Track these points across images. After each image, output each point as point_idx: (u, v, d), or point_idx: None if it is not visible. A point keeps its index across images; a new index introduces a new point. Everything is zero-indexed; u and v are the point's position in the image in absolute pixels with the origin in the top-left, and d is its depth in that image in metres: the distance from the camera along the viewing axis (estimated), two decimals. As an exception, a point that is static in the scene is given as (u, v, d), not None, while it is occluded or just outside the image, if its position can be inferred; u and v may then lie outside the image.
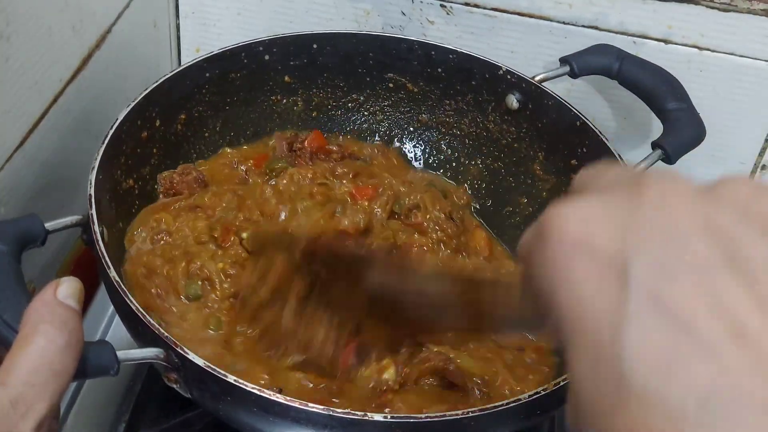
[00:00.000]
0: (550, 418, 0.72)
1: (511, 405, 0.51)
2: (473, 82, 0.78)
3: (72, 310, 0.46)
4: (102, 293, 0.76)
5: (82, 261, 0.78)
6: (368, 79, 0.81)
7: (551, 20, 0.81)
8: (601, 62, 0.76)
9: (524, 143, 0.78)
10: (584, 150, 0.73)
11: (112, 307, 0.75)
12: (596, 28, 0.80)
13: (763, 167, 0.85)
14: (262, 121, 0.80)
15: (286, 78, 0.79)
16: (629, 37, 0.80)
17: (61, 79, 0.69)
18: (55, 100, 0.69)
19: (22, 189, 0.66)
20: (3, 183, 0.64)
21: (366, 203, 0.71)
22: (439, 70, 0.79)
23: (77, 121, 0.72)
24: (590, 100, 0.84)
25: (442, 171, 0.83)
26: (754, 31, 0.78)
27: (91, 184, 0.60)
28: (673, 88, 0.73)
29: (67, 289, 0.46)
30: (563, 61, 0.76)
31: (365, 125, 0.83)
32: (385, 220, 0.72)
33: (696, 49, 0.80)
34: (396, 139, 0.84)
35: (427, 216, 0.72)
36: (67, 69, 0.70)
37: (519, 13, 0.81)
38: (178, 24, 0.88)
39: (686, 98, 0.73)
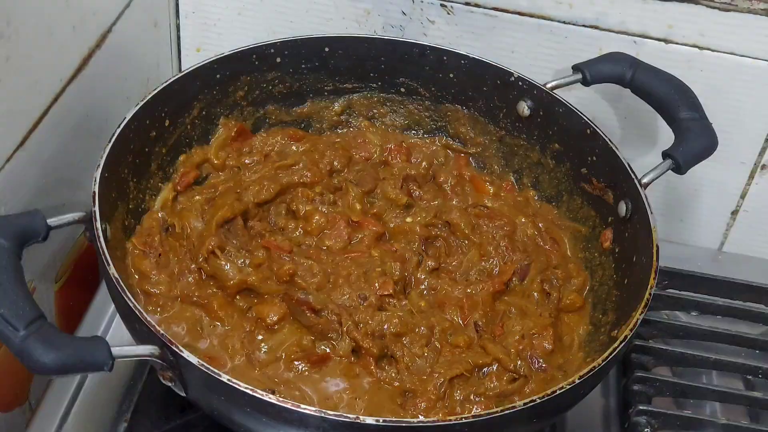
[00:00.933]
0: (551, 425, 0.72)
1: (506, 412, 0.50)
2: (485, 88, 0.78)
3: None
4: (102, 293, 0.77)
5: (83, 261, 0.78)
6: (380, 83, 0.81)
7: (552, 20, 0.81)
8: (614, 70, 0.75)
9: (535, 150, 0.79)
10: (594, 158, 0.73)
11: (112, 307, 0.75)
12: (597, 27, 0.80)
13: (763, 167, 0.85)
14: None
15: (298, 81, 0.80)
16: (630, 37, 0.80)
17: (61, 79, 0.69)
18: (55, 100, 0.69)
19: (23, 188, 0.67)
20: (4, 182, 0.64)
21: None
22: (451, 75, 0.79)
23: (78, 120, 0.72)
24: (598, 107, 0.84)
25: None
26: (754, 31, 0.78)
27: (96, 181, 0.60)
28: (686, 97, 0.73)
29: None
30: (576, 68, 0.75)
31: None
32: None
33: (696, 49, 0.80)
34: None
35: None
36: (68, 68, 0.70)
37: (519, 13, 0.81)
38: (179, 24, 0.88)
39: (699, 108, 0.72)
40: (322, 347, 0.63)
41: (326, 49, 0.78)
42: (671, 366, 0.78)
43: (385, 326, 0.63)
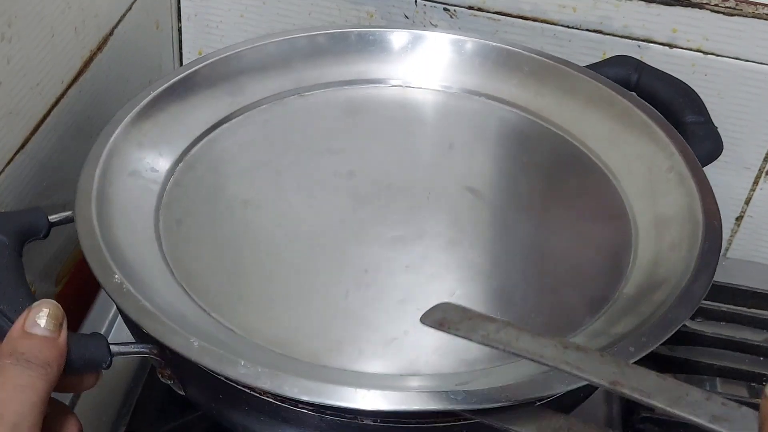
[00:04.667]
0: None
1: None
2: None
3: (38, 338, 0.46)
4: (104, 295, 0.77)
5: (84, 264, 0.77)
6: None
7: (555, 24, 0.81)
8: (619, 73, 0.74)
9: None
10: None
11: (113, 310, 0.75)
12: (600, 32, 0.80)
13: (768, 172, 0.85)
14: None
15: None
16: (634, 41, 0.80)
17: (62, 81, 0.69)
18: (56, 102, 0.69)
19: (24, 191, 0.66)
20: (4, 185, 0.64)
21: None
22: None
23: (79, 122, 0.72)
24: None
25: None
26: (759, 35, 0.77)
27: None
28: (691, 100, 0.72)
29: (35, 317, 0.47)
30: (582, 72, 0.75)
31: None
32: None
33: (701, 53, 0.80)
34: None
35: None
36: (69, 71, 0.70)
37: (522, 17, 0.81)
38: (180, 26, 0.88)
39: (704, 111, 0.71)
40: None
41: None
42: (675, 373, 0.78)
43: None
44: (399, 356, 0.54)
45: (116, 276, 0.52)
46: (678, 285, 0.55)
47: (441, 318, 0.47)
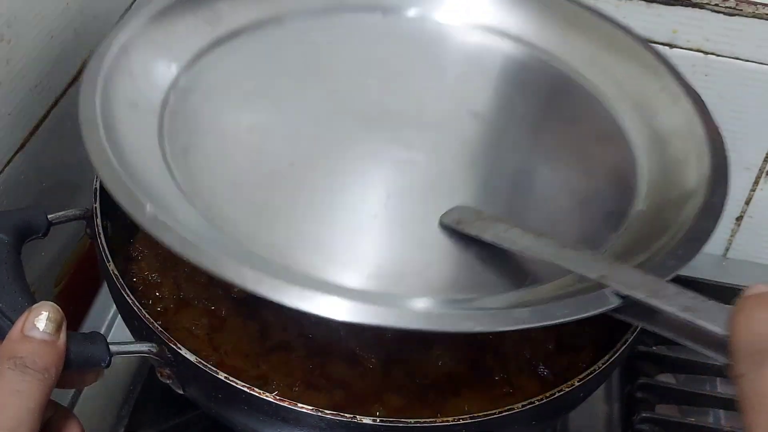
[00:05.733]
0: (551, 429, 0.72)
1: (504, 414, 0.49)
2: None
3: (36, 342, 0.46)
4: (103, 296, 0.77)
5: (82, 267, 0.78)
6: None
7: (555, 24, 0.80)
8: None
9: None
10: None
11: (113, 311, 0.75)
12: (600, 32, 0.80)
13: (768, 172, 0.85)
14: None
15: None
16: (634, 42, 0.80)
17: (62, 82, 0.69)
18: (55, 103, 0.69)
19: (23, 191, 0.66)
20: (3, 185, 0.64)
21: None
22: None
23: (78, 124, 0.72)
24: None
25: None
26: (759, 35, 0.77)
27: (97, 177, 0.58)
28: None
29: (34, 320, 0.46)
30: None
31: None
32: None
33: (701, 54, 0.79)
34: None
35: None
36: (68, 72, 0.70)
37: (523, 18, 0.81)
38: (181, 27, 0.88)
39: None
40: None
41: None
42: (675, 373, 0.78)
43: None
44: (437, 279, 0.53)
45: (148, 207, 0.48)
46: (696, 200, 0.55)
47: (457, 218, 0.52)
